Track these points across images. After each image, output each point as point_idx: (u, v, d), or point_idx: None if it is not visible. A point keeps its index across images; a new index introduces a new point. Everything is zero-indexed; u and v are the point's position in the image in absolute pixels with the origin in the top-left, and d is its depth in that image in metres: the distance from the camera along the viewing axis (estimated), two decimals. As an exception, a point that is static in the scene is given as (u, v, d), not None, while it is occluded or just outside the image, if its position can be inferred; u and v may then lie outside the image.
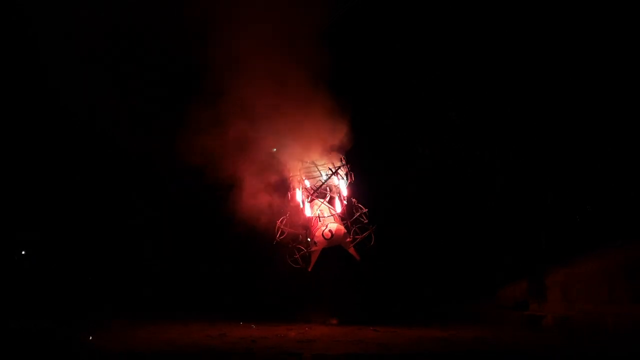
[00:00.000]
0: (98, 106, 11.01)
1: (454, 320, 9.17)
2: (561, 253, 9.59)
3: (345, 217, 9.55)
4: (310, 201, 9.70)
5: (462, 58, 11.03)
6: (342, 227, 9.28)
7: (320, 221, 9.45)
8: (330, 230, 9.10)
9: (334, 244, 9.16)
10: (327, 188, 9.82)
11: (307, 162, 9.95)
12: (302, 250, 9.46)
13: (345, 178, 9.66)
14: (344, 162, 9.69)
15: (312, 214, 9.62)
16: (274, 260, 10.55)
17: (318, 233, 9.24)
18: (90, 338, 6.97)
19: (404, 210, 10.99)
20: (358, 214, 9.50)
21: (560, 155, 10.34)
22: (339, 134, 9.81)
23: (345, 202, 9.62)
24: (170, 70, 11.04)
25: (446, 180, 11.07)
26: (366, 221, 9.44)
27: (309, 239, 9.61)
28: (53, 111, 11.93)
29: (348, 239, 9.22)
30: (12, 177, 12.29)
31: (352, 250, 9.19)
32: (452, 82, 11.03)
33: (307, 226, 9.70)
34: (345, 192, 9.70)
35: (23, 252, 12.83)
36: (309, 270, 9.34)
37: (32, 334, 6.12)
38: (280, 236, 9.67)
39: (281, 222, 9.75)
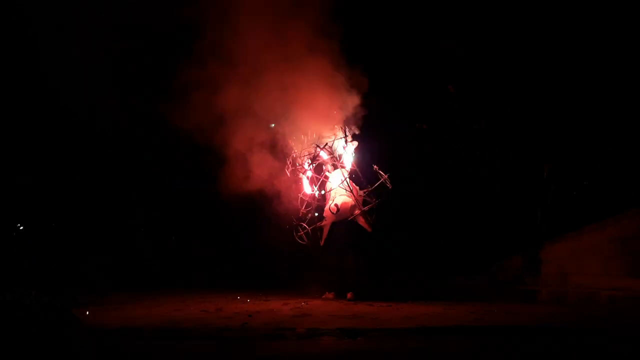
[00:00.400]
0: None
1: (450, 295, 9.24)
2: (556, 228, 9.64)
3: (352, 189, 9.33)
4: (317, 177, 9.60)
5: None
6: (349, 200, 9.13)
7: (330, 195, 9.36)
8: (335, 205, 9.01)
9: (342, 218, 9.04)
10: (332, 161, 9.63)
11: (310, 136, 9.78)
12: (306, 227, 9.35)
13: (346, 149, 9.53)
14: (344, 134, 9.49)
15: (312, 190, 9.56)
16: (272, 237, 10.58)
17: (326, 207, 9.21)
18: (87, 313, 7.02)
19: (401, 188, 10.96)
20: (381, 180, 9.27)
21: (557, 132, 10.38)
22: (345, 105, 9.64)
23: (346, 176, 9.47)
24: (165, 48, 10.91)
25: (443, 162, 11.11)
26: (390, 187, 9.26)
27: (316, 214, 9.52)
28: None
29: (357, 212, 9.05)
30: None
31: (362, 222, 9.05)
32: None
33: (319, 199, 9.59)
34: (349, 164, 9.57)
35: (20, 227, 12.94)
36: (322, 244, 9.25)
37: (27, 306, 6.19)
38: (305, 208, 9.57)
39: (304, 194, 9.65)
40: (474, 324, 6.19)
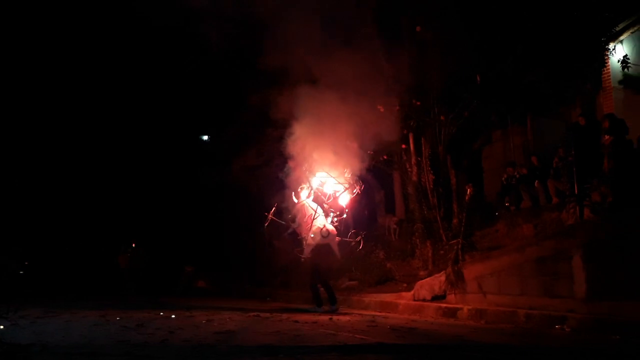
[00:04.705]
0: None
1: (374, 311, 9.34)
2: (479, 247, 9.90)
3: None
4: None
5: None
6: (334, 229, 9.92)
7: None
8: (327, 230, 9.68)
9: (326, 242, 9.67)
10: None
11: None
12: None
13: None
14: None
15: (309, 211, 9.84)
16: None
17: (315, 229, 9.66)
18: (2, 327, 6.67)
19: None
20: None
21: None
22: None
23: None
24: None
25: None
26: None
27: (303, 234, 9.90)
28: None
29: (337, 239, 9.87)
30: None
31: (336, 249, 9.81)
32: None
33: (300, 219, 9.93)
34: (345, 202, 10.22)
35: None
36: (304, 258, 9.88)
37: None
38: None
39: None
40: (396, 341, 6.25)
